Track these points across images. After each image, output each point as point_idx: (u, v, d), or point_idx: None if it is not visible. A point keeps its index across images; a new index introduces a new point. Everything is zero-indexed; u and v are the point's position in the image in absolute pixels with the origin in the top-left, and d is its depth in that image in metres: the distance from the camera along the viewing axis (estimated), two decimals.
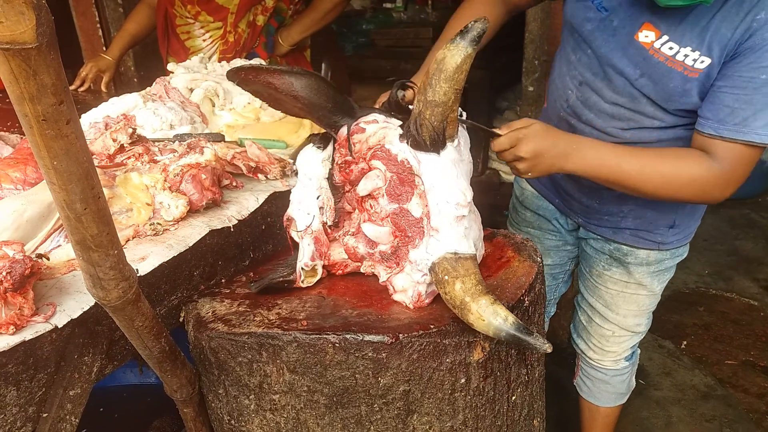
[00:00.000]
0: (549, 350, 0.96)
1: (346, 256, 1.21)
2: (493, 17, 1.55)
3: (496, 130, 1.33)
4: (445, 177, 1.07)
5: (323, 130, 1.22)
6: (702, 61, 1.29)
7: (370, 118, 1.14)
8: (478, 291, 1.00)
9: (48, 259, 0.94)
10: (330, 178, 1.19)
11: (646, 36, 1.35)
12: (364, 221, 1.17)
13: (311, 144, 1.22)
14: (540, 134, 1.30)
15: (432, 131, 1.04)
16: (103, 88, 2.60)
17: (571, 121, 1.59)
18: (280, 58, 2.63)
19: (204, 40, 2.54)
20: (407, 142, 1.08)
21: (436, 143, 1.06)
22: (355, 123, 1.15)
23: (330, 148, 1.20)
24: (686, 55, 1.30)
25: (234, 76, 1.13)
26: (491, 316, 0.97)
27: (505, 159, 1.33)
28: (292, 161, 1.47)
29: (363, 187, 1.14)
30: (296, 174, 1.25)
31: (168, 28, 2.59)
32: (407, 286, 1.12)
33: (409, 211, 1.10)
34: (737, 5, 1.25)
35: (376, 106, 1.37)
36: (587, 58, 1.49)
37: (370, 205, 1.15)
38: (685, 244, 1.70)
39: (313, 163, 1.19)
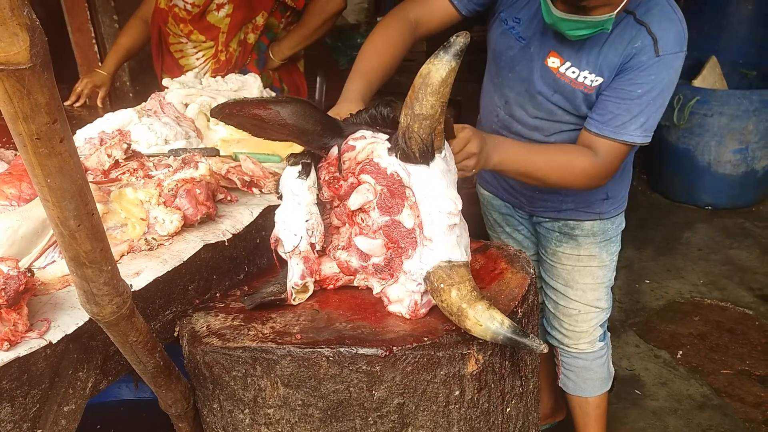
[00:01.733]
0: (545, 350, 0.98)
1: (337, 271, 1.22)
2: (402, 43, 1.76)
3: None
4: (436, 187, 1.08)
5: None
6: (597, 80, 1.58)
7: (358, 135, 1.15)
8: (473, 297, 1.01)
9: (33, 273, 0.95)
10: (318, 198, 1.19)
11: (553, 62, 1.64)
12: (356, 235, 1.17)
13: (294, 169, 1.20)
14: (477, 134, 1.46)
15: (421, 143, 1.05)
16: (99, 103, 2.60)
17: (502, 133, 1.84)
18: (273, 71, 2.64)
19: (197, 59, 2.55)
20: (396, 156, 1.09)
21: (425, 155, 1.07)
22: (345, 142, 1.16)
23: (313, 173, 1.19)
24: (585, 77, 1.59)
25: (218, 113, 1.09)
26: (488, 321, 0.99)
27: (458, 159, 1.40)
28: None
29: (354, 201, 1.14)
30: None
31: (162, 46, 2.60)
32: (402, 296, 1.12)
33: (401, 222, 1.11)
34: (620, 36, 1.54)
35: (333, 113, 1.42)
36: (509, 80, 1.76)
37: (361, 218, 1.16)
38: (622, 213, 1.94)
39: (299, 189, 1.18)
